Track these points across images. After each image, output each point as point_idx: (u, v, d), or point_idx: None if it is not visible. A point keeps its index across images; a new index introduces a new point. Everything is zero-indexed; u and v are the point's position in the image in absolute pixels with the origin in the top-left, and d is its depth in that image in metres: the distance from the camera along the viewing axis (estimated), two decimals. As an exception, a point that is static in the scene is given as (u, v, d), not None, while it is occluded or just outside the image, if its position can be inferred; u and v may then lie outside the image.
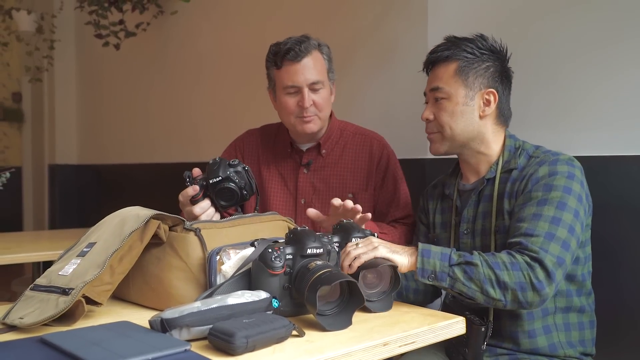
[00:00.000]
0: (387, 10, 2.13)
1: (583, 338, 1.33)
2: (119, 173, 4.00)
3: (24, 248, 2.31)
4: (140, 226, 1.11)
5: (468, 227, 1.41)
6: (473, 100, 1.36)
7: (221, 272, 1.11)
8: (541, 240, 1.18)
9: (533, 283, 1.14)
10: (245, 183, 1.42)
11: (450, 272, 1.17)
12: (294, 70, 1.59)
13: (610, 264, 1.52)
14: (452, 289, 1.18)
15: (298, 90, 1.61)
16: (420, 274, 1.18)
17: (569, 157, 1.32)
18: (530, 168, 1.32)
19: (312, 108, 1.61)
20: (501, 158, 1.39)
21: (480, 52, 1.37)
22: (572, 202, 1.24)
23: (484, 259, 1.17)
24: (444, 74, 1.38)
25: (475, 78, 1.36)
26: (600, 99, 1.60)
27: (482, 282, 1.15)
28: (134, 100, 3.86)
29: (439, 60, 1.40)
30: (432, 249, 1.20)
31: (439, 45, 1.42)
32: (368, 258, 1.13)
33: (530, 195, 1.27)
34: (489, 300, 1.17)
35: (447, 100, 1.37)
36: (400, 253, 1.19)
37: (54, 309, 0.99)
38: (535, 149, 1.38)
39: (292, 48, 1.58)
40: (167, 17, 3.40)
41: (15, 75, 5.34)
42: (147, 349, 0.81)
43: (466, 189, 1.45)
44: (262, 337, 0.87)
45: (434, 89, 1.40)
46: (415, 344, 1.00)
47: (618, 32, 1.57)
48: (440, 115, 1.38)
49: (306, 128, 1.64)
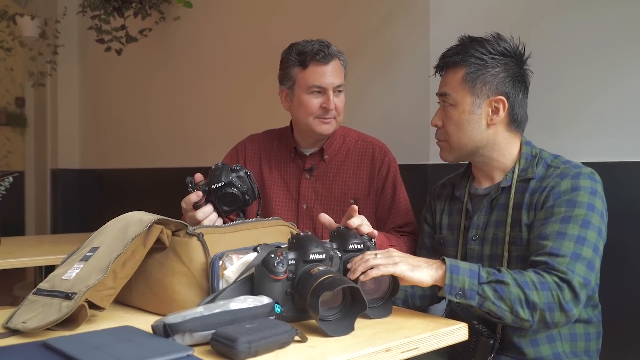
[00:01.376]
0: (389, 15, 2.14)
1: (588, 349, 1.31)
2: (121, 178, 4.01)
3: (26, 252, 2.30)
4: (143, 231, 1.11)
5: (477, 233, 1.38)
6: (480, 109, 1.33)
7: (224, 277, 1.11)
8: (568, 260, 1.16)
9: (561, 304, 1.12)
10: (247, 188, 1.43)
11: (480, 290, 1.13)
12: (322, 72, 1.62)
13: (615, 271, 1.51)
14: (480, 308, 1.14)
15: (323, 91, 1.63)
16: (448, 291, 1.13)
17: (591, 171, 1.29)
18: (551, 180, 1.28)
19: (333, 111, 1.65)
20: (517, 166, 1.35)
21: (491, 56, 1.32)
22: (596, 220, 1.22)
23: (513, 278, 1.14)
24: (452, 80, 1.35)
25: (482, 85, 1.32)
26: (604, 105, 1.60)
27: (513, 302, 1.12)
28: (136, 105, 3.87)
29: (448, 65, 1.37)
30: (460, 265, 1.15)
31: (451, 47, 1.38)
32: (387, 272, 1.09)
33: (552, 211, 1.24)
34: (517, 320, 1.14)
35: (453, 107, 1.34)
36: (423, 268, 1.14)
37: (57, 314, 0.99)
38: (553, 158, 1.34)
39: (322, 50, 1.61)
40: (170, 23, 3.42)
41: (18, 80, 5.37)
42: (149, 353, 0.81)
43: (478, 193, 1.42)
44: (264, 343, 0.87)
45: (442, 94, 1.37)
46: (418, 349, 1.00)
47: (622, 37, 1.57)
48: (447, 124, 1.36)
49: (324, 129, 1.66)
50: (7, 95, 5.40)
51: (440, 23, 1.97)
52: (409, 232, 1.69)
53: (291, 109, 1.72)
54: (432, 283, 1.15)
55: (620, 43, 1.57)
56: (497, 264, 1.32)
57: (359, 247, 1.19)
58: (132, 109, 3.92)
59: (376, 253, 1.14)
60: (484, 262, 1.35)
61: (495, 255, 1.34)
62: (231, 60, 3.01)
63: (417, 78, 2.01)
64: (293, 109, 1.71)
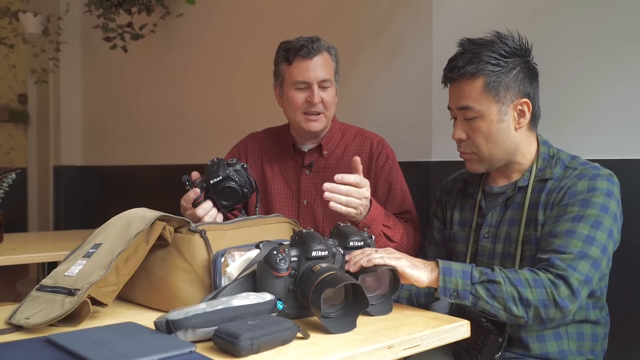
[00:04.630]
0: (391, 11, 2.14)
1: (594, 349, 1.32)
2: (124, 175, 4.01)
3: (29, 249, 2.31)
4: (146, 228, 1.11)
5: (490, 231, 1.37)
6: (507, 115, 1.29)
7: (226, 274, 1.11)
8: (572, 257, 1.16)
9: (556, 300, 1.13)
10: (245, 181, 1.43)
11: (472, 290, 1.15)
12: (306, 67, 1.62)
13: (620, 270, 1.50)
14: (474, 307, 1.17)
15: (308, 86, 1.63)
16: (442, 292, 1.16)
17: (609, 173, 1.28)
18: (568, 180, 1.27)
19: (319, 105, 1.64)
20: (535, 165, 1.33)
21: (505, 60, 1.28)
22: (608, 222, 1.22)
23: (506, 276, 1.15)
24: (472, 91, 1.28)
25: (506, 91, 1.28)
26: (606, 102, 1.60)
27: (506, 300, 1.14)
28: (139, 102, 3.87)
29: (464, 76, 1.29)
30: (452, 267, 1.17)
31: (458, 57, 1.31)
32: (389, 264, 1.12)
33: (565, 210, 1.24)
34: (512, 317, 1.16)
35: (480, 119, 1.29)
36: (420, 268, 1.17)
37: (60, 310, 0.99)
38: (571, 159, 1.32)
39: (305, 45, 1.61)
40: (172, 20, 3.41)
41: (21, 77, 5.37)
42: (152, 350, 0.82)
43: (493, 191, 1.40)
44: (267, 339, 0.87)
45: (463, 107, 1.30)
46: (420, 347, 1.00)
47: (624, 34, 1.56)
48: (475, 137, 1.31)
49: (311, 126, 1.66)
50: (9, 92, 5.40)
51: (443, 19, 1.96)
52: (407, 219, 1.68)
53: (282, 106, 1.73)
54: (428, 284, 1.18)
55: (623, 40, 1.56)
56: (508, 262, 1.32)
57: (359, 244, 1.20)
58: (134, 105, 3.92)
59: (376, 250, 1.17)
60: (495, 260, 1.35)
61: (507, 253, 1.33)
62: (233, 57, 3.00)
63: (420, 75, 2.00)
64: (283, 105, 1.72)
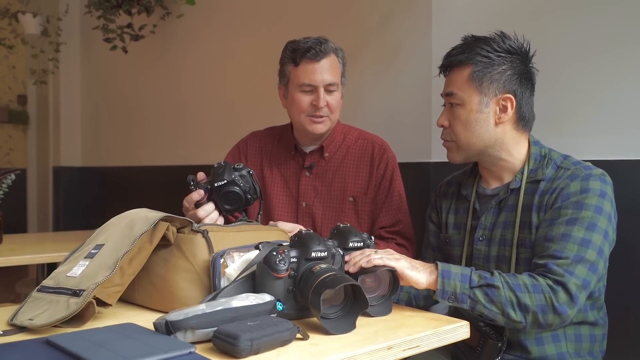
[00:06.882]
0: (391, 12, 2.14)
1: (592, 350, 1.32)
2: (123, 175, 4.02)
3: (28, 250, 2.31)
4: (149, 228, 1.11)
5: (484, 234, 1.37)
6: (488, 107, 1.31)
7: (225, 275, 1.11)
8: (569, 262, 1.17)
9: (554, 305, 1.13)
10: (249, 187, 1.42)
11: (471, 294, 1.15)
12: (312, 69, 1.60)
13: (618, 270, 1.50)
14: (472, 310, 1.17)
15: (314, 89, 1.61)
16: (440, 295, 1.16)
17: (602, 172, 1.28)
18: (560, 181, 1.27)
19: (325, 109, 1.63)
20: (526, 167, 1.34)
21: (497, 54, 1.31)
22: (603, 223, 1.21)
23: (505, 281, 1.15)
24: (458, 79, 1.33)
25: (490, 83, 1.31)
26: (605, 102, 1.60)
27: (504, 305, 1.14)
28: (139, 103, 3.87)
29: (454, 64, 1.35)
30: (452, 270, 1.17)
31: (455, 47, 1.37)
32: (389, 264, 1.13)
33: (559, 213, 1.23)
34: (510, 322, 1.16)
35: (461, 106, 1.33)
36: (419, 270, 1.17)
37: (65, 311, 0.99)
38: (563, 159, 1.32)
39: (313, 47, 1.59)
40: (172, 21, 3.42)
41: (20, 77, 5.37)
42: (151, 351, 0.82)
43: (486, 193, 1.41)
44: (266, 340, 0.87)
45: (448, 94, 1.36)
46: (420, 347, 1.00)
47: (623, 34, 1.56)
48: (455, 124, 1.34)
49: (315, 128, 1.65)
50: (9, 93, 5.41)
51: (443, 21, 1.97)
52: (397, 230, 1.67)
53: (287, 106, 1.71)
54: (427, 286, 1.18)
55: (623, 40, 1.57)
56: (504, 265, 1.32)
57: (359, 245, 1.20)
58: (134, 106, 3.92)
59: (376, 250, 1.17)
60: (490, 263, 1.35)
61: (502, 256, 1.33)
62: (234, 57, 3.00)
63: (420, 76, 2.01)
64: (288, 106, 1.70)
